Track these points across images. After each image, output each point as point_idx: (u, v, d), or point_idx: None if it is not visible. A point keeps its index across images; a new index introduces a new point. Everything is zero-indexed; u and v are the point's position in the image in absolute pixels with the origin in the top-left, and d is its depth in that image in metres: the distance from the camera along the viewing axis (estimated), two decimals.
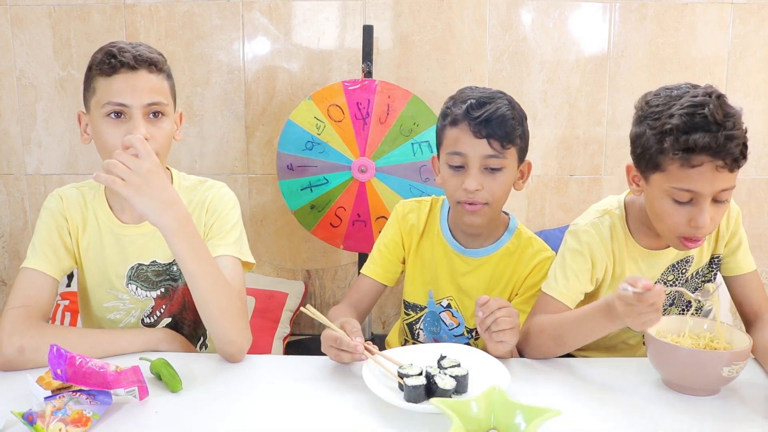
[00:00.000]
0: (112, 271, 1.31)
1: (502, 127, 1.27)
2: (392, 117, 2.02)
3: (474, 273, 1.41)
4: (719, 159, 1.09)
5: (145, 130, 1.18)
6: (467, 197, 1.29)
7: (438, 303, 1.44)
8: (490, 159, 1.28)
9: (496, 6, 2.27)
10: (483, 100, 1.29)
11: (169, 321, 1.36)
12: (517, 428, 0.89)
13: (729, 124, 1.10)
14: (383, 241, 1.48)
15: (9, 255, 2.50)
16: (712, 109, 1.09)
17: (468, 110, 1.27)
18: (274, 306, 2.31)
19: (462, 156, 1.29)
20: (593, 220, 1.31)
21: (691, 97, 1.13)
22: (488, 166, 1.28)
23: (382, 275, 1.46)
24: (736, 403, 1.05)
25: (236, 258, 1.28)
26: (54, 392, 0.97)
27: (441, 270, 1.43)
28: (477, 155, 1.28)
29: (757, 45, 2.27)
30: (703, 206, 1.13)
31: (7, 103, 2.36)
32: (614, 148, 2.34)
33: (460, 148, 1.29)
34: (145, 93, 1.19)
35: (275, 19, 2.29)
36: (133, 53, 1.19)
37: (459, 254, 1.41)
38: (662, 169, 1.14)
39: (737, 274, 1.33)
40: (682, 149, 1.10)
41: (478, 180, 1.28)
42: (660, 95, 1.19)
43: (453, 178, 1.31)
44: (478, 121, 1.26)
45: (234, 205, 1.34)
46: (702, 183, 1.11)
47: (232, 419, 1.00)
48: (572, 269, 1.28)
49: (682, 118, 1.11)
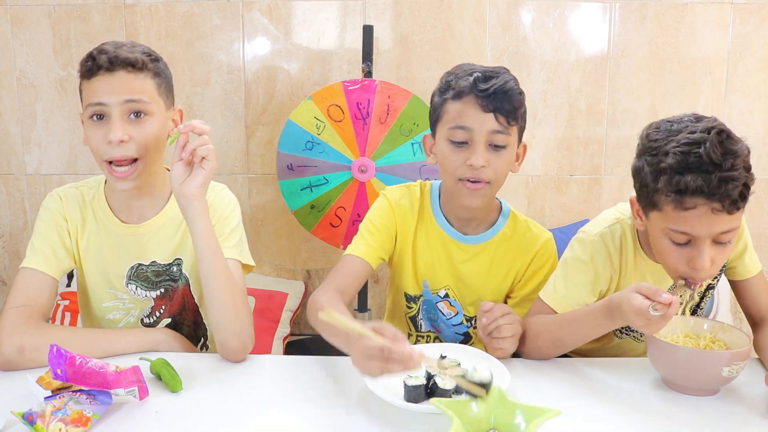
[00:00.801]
0: (111, 271, 1.31)
1: (509, 101, 1.22)
2: (392, 117, 2.02)
3: (473, 260, 1.37)
4: (715, 201, 1.02)
5: (122, 132, 1.18)
6: (471, 174, 1.24)
7: (435, 293, 1.40)
8: (495, 135, 1.23)
9: (496, 6, 2.27)
10: (489, 73, 1.23)
11: (169, 321, 1.36)
12: (517, 428, 0.89)
13: (727, 164, 1.02)
14: (373, 221, 1.37)
15: (9, 255, 2.50)
16: (709, 148, 1.02)
17: (475, 82, 1.21)
18: (274, 306, 2.31)
19: (466, 131, 1.23)
20: (603, 230, 1.26)
21: (688, 134, 1.06)
22: (493, 143, 1.23)
23: (372, 255, 1.34)
24: (736, 403, 1.05)
25: (237, 261, 1.28)
26: (54, 392, 0.97)
27: (437, 259, 1.38)
28: (483, 130, 1.22)
29: (757, 45, 2.27)
30: (701, 248, 1.07)
31: (7, 103, 2.36)
32: (614, 148, 2.34)
33: (465, 122, 1.22)
34: (122, 92, 1.19)
35: (275, 19, 2.29)
36: (111, 55, 1.18)
37: (456, 241, 1.37)
38: (659, 209, 1.09)
39: (745, 278, 1.30)
40: (674, 191, 1.04)
41: (484, 156, 1.22)
42: (660, 129, 1.12)
43: (455, 154, 1.25)
44: (487, 94, 1.20)
45: (234, 207, 1.34)
46: (698, 226, 1.06)
47: (232, 419, 1.00)
48: (573, 280, 1.25)
49: (676, 157, 1.05)
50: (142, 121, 1.21)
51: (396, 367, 0.91)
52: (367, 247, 1.34)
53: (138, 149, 1.21)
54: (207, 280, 1.18)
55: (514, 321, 1.17)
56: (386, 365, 0.92)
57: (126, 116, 1.20)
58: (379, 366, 0.92)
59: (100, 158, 1.21)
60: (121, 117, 1.19)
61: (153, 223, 1.30)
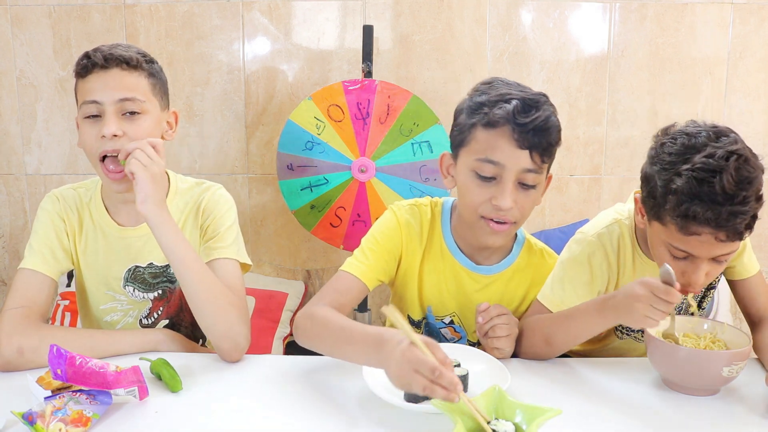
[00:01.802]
0: (108, 272, 1.31)
1: (548, 138, 1.11)
2: (392, 117, 2.02)
3: (485, 290, 1.30)
4: (721, 232, 1.01)
5: (115, 127, 1.18)
6: (496, 214, 1.14)
7: (439, 319, 1.33)
8: (527, 174, 1.12)
9: (496, 6, 2.27)
10: (528, 102, 1.10)
11: (167, 323, 1.36)
12: (517, 428, 0.89)
13: (740, 197, 0.99)
14: (378, 238, 1.27)
15: (9, 255, 2.50)
16: (724, 178, 0.98)
17: (514, 114, 1.09)
18: (274, 306, 2.31)
19: (496, 166, 1.12)
20: (601, 231, 1.25)
21: (704, 157, 1.01)
22: (524, 182, 1.13)
23: (369, 276, 1.24)
24: (736, 403, 1.05)
25: (234, 260, 1.28)
26: (54, 392, 0.97)
27: (446, 287, 1.30)
28: (515, 168, 1.11)
29: (757, 45, 2.27)
30: (698, 266, 1.07)
31: (7, 103, 2.36)
32: (614, 148, 2.34)
33: (496, 156, 1.11)
34: (117, 90, 1.19)
35: (275, 19, 2.29)
36: (106, 53, 1.20)
37: (468, 270, 1.28)
38: (663, 223, 1.08)
39: (744, 277, 1.30)
40: (681, 215, 1.02)
41: (513, 196, 1.12)
42: (677, 142, 1.06)
43: (480, 189, 1.14)
44: (525, 129, 1.08)
45: (230, 207, 1.34)
46: (698, 249, 1.05)
47: (232, 419, 1.00)
48: (570, 280, 1.24)
49: (689, 183, 1.00)
50: (136, 119, 1.22)
51: (439, 393, 0.84)
52: (367, 266, 1.24)
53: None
54: (183, 287, 1.19)
55: (510, 321, 1.16)
56: (431, 386, 0.85)
57: (120, 114, 1.20)
58: (423, 384, 0.85)
59: (94, 156, 1.21)
60: (116, 114, 1.19)
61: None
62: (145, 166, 1.14)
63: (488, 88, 1.15)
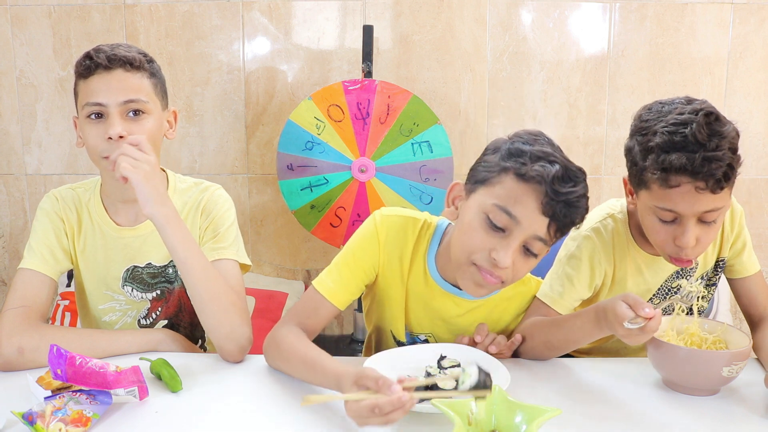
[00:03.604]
0: (107, 272, 1.31)
1: (572, 215, 1.06)
2: (392, 117, 2.02)
3: (467, 316, 1.24)
4: (699, 180, 1.05)
5: (120, 128, 1.18)
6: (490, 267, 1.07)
7: (414, 335, 1.28)
8: (536, 241, 1.07)
9: (496, 6, 2.27)
10: (570, 174, 1.05)
11: (166, 323, 1.36)
12: (517, 428, 0.89)
13: (712, 144, 1.05)
14: (355, 252, 1.22)
15: (9, 255, 2.50)
16: (695, 128, 1.05)
17: (553, 179, 1.03)
18: (274, 306, 2.31)
19: (512, 220, 1.05)
20: (595, 225, 1.28)
21: (677, 115, 1.09)
22: (529, 248, 1.08)
23: (342, 299, 1.20)
24: (736, 403, 1.05)
25: (234, 261, 1.28)
26: (54, 392, 0.97)
27: (424, 310, 1.25)
28: (528, 230, 1.05)
29: (757, 45, 2.27)
30: (686, 226, 1.10)
31: (7, 103, 2.36)
32: (614, 148, 2.34)
33: (517, 211, 1.04)
34: (121, 91, 1.19)
35: (275, 19, 2.29)
36: (109, 53, 1.19)
37: (452, 295, 1.22)
38: (647, 187, 1.12)
39: (743, 276, 1.31)
40: (659, 168, 1.07)
41: (514, 257, 1.07)
42: (652, 110, 1.14)
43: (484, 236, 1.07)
44: (557, 198, 1.03)
45: (229, 207, 1.34)
46: (682, 204, 1.08)
47: (232, 419, 1.00)
48: (569, 276, 1.25)
49: (663, 136, 1.08)
50: (140, 119, 1.22)
51: (396, 416, 0.86)
52: (338, 286, 1.20)
53: None
54: (187, 286, 1.19)
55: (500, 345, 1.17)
56: (385, 419, 0.87)
57: (124, 115, 1.20)
58: (379, 422, 0.87)
59: (97, 155, 1.21)
60: (120, 115, 1.19)
61: (147, 225, 1.30)
62: (134, 167, 1.13)
63: (533, 140, 1.10)
